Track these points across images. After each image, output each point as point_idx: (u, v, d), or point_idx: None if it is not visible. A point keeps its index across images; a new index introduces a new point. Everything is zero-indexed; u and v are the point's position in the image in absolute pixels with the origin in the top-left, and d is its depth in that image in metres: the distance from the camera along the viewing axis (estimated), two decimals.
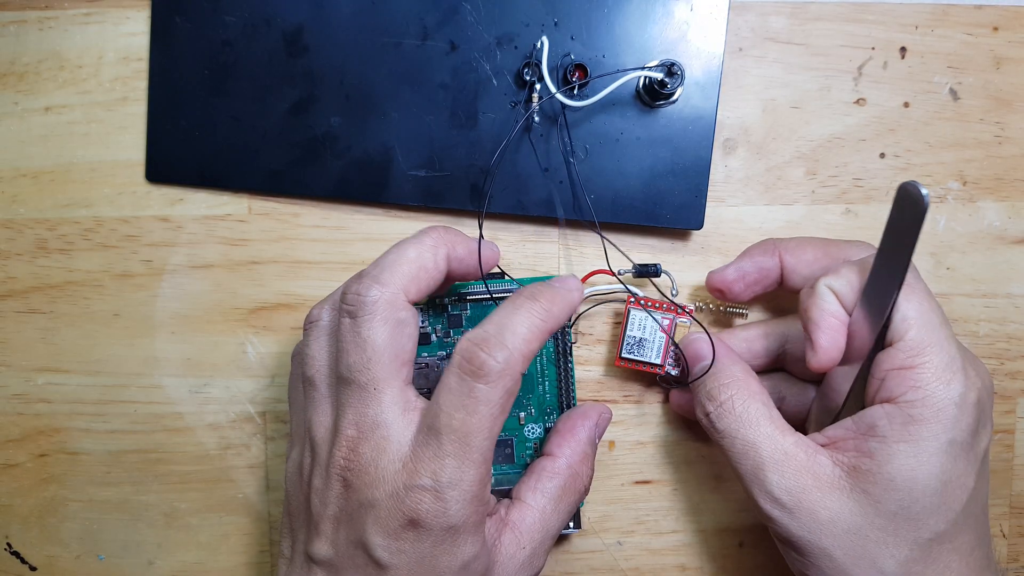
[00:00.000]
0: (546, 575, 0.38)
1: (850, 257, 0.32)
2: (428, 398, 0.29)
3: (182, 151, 0.37)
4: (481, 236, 0.32)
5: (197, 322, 0.38)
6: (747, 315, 0.37)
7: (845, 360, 0.31)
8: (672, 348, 0.35)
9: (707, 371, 0.33)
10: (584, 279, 0.36)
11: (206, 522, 0.38)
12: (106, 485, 0.38)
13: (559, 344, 0.36)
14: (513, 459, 0.36)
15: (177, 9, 0.37)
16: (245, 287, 0.38)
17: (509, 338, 0.28)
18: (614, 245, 0.37)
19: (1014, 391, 0.38)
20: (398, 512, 0.27)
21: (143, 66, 0.37)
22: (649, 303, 0.35)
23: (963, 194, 0.38)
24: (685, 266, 0.38)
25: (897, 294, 0.28)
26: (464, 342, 0.28)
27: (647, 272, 0.36)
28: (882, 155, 0.38)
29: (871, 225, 0.38)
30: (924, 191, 0.27)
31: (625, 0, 0.35)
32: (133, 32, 0.37)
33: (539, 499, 0.31)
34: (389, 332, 0.28)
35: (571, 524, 0.36)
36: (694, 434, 0.38)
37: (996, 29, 0.38)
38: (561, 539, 0.38)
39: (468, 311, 0.36)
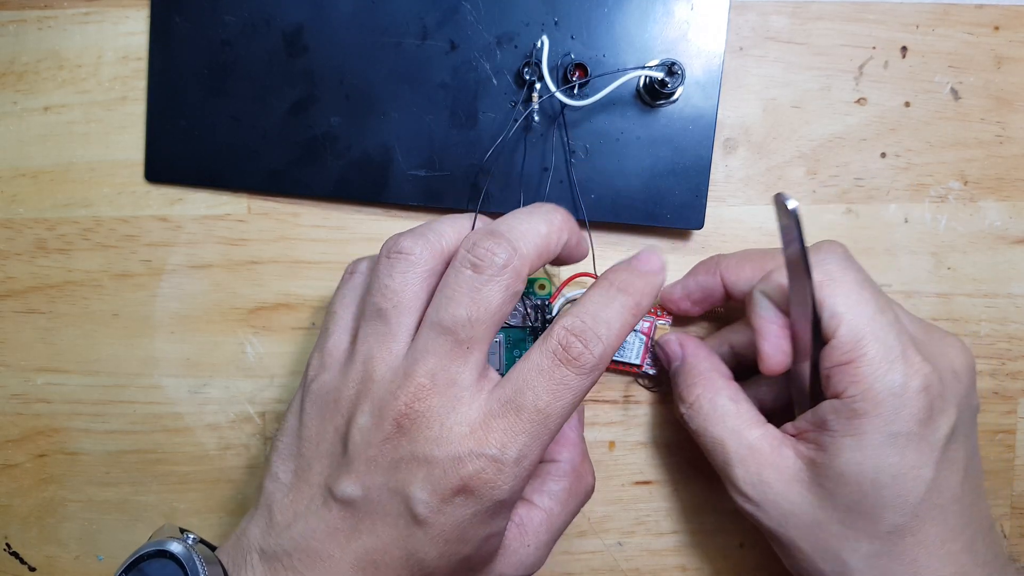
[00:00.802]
0: (546, 575, 0.38)
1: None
2: None
3: (181, 151, 0.37)
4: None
5: (196, 322, 0.38)
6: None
7: (798, 357, 0.31)
8: (651, 349, 0.36)
9: (679, 371, 0.33)
10: (564, 284, 0.36)
11: (206, 523, 0.38)
12: (105, 485, 0.38)
13: (538, 321, 0.36)
14: None
15: (176, 8, 0.36)
16: (245, 287, 0.38)
17: (605, 333, 0.28)
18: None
19: (1014, 391, 0.38)
20: (455, 475, 0.26)
21: (142, 65, 0.37)
22: None
23: (964, 194, 0.38)
24: (686, 265, 0.38)
25: (811, 292, 0.28)
26: (561, 329, 0.28)
27: None
28: (883, 155, 0.38)
29: (872, 225, 0.38)
30: (790, 202, 0.27)
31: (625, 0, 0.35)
32: (132, 31, 0.37)
33: (546, 501, 0.31)
34: (506, 300, 0.28)
35: None
36: None
37: (997, 28, 0.37)
38: (561, 539, 0.38)
39: None
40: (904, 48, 0.37)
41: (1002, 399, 0.38)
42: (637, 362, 0.36)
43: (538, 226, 0.29)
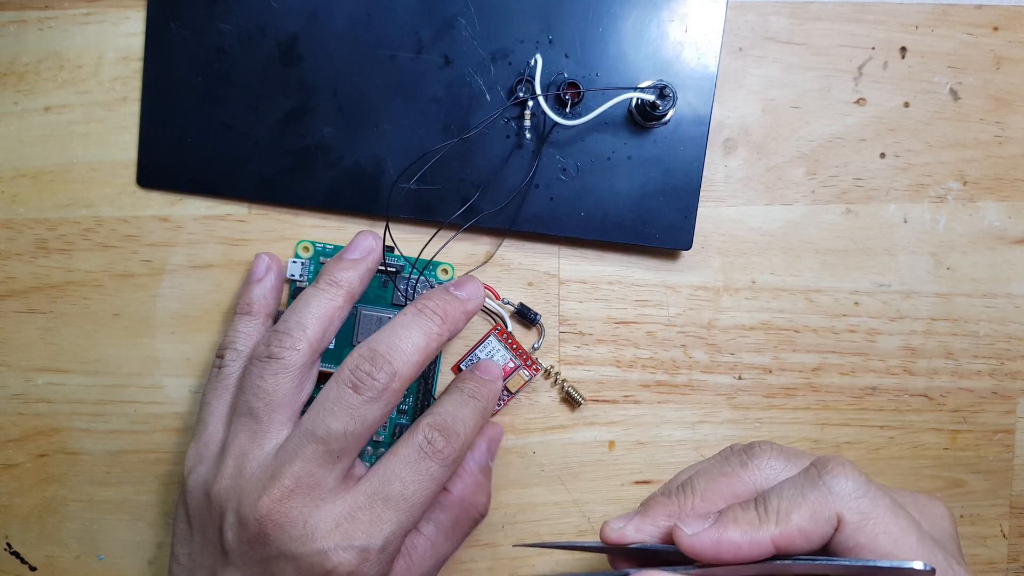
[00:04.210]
0: (546, 575, 0.38)
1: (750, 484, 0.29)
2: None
3: (173, 157, 0.37)
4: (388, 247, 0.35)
5: (197, 322, 0.38)
6: (581, 403, 0.37)
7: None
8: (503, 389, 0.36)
9: None
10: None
11: None
12: (106, 485, 0.38)
13: None
14: None
15: (172, 16, 0.37)
16: None
17: (462, 430, 0.31)
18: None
19: (1014, 391, 0.38)
20: (321, 568, 0.29)
21: (142, 66, 0.37)
22: (510, 340, 0.37)
23: (963, 194, 0.38)
24: (685, 267, 0.38)
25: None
26: (426, 427, 0.31)
27: (524, 314, 0.37)
28: (882, 155, 0.38)
29: (871, 225, 0.38)
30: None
31: (620, 20, 0.35)
32: (133, 32, 0.37)
33: (431, 529, 0.32)
34: (382, 417, 0.30)
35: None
36: (694, 434, 0.38)
37: (996, 29, 0.37)
38: (561, 539, 0.38)
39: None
40: (903, 48, 0.38)
41: (1001, 399, 0.38)
42: None
43: (417, 340, 0.31)
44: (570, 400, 0.38)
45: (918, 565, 0.26)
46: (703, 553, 0.26)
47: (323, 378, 0.38)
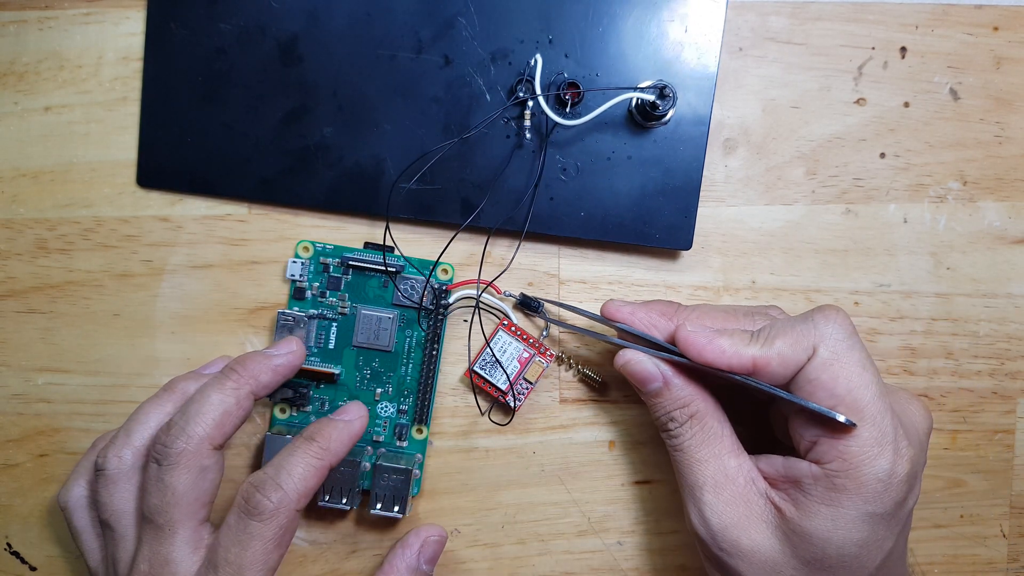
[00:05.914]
0: (547, 575, 0.38)
1: (747, 328, 0.32)
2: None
3: (173, 157, 0.37)
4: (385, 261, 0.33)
5: (197, 322, 0.38)
6: (599, 383, 0.37)
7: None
8: (521, 381, 0.37)
9: (659, 393, 0.32)
10: (456, 284, 0.37)
11: None
12: None
13: (430, 330, 0.37)
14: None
15: (172, 16, 0.37)
16: (245, 287, 0.38)
17: (284, 479, 0.31)
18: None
19: (1014, 391, 0.38)
20: None
21: (142, 66, 0.37)
22: (519, 332, 0.37)
23: (963, 194, 0.38)
24: (685, 267, 0.38)
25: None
26: (245, 484, 0.31)
27: (528, 304, 0.37)
28: (882, 155, 0.38)
29: (871, 225, 0.38)
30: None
31: (620, 20, 0.35)
32: (133, 32, 0.37)
33: None
34: (191, 479, 0.31)
35: (395, 508, 0.36)
36: None
37: (996, 29, 0.38)
38: (562, 539, 0.38)
39: (349, 276, 0.37)
40: (903, 48, 0.38)
41: (1001, 399, 0.38)
42: (503, 388, 0.36)
43: (210, 397, 0.32)
44: (588, 382, 0.38)
45: (840, 417, 0.28)
46: (691, 346, 0.30)
47: (321, 376, 0.38)
